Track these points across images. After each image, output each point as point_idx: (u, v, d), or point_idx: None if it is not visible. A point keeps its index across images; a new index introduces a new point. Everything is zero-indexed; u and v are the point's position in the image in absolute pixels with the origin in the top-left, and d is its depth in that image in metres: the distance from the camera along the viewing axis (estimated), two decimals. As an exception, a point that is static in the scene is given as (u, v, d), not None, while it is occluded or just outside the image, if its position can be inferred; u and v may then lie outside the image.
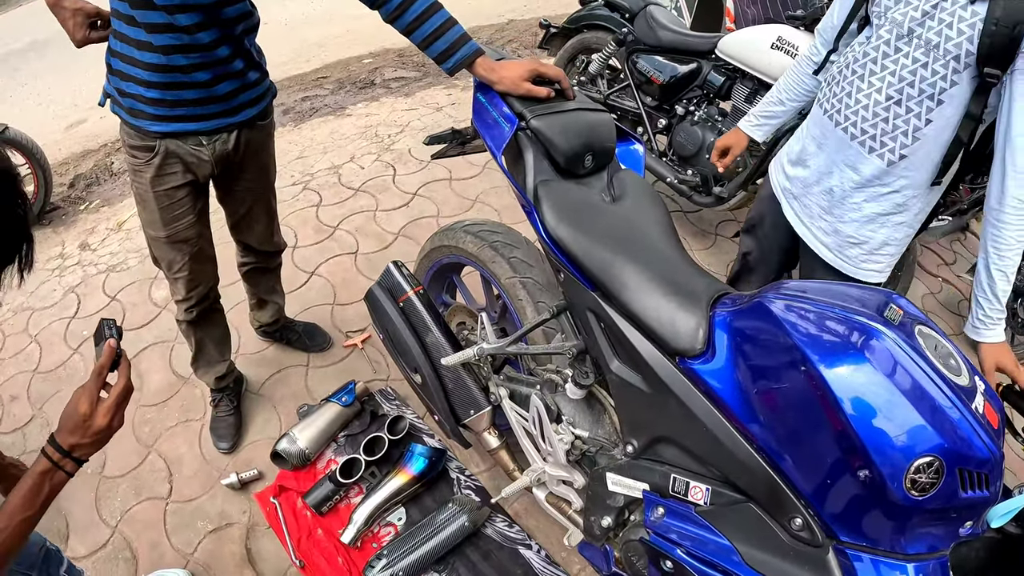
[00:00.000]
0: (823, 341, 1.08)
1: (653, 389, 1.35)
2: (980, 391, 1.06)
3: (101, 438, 1.13)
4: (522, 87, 1.61)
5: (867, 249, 1.85)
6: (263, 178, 2.14)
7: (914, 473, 0.97)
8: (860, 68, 1.68)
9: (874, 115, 1.66)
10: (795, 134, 2.01)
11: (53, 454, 1.09)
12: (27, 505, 1.06)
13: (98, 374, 1.14)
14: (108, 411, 1.13)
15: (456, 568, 2.08)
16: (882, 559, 1.04)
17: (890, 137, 1.65)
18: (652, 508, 1.39)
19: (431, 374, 1.88)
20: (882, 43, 1.62)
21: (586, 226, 1.46)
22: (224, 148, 1.88)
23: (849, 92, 1.70)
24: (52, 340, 2.90)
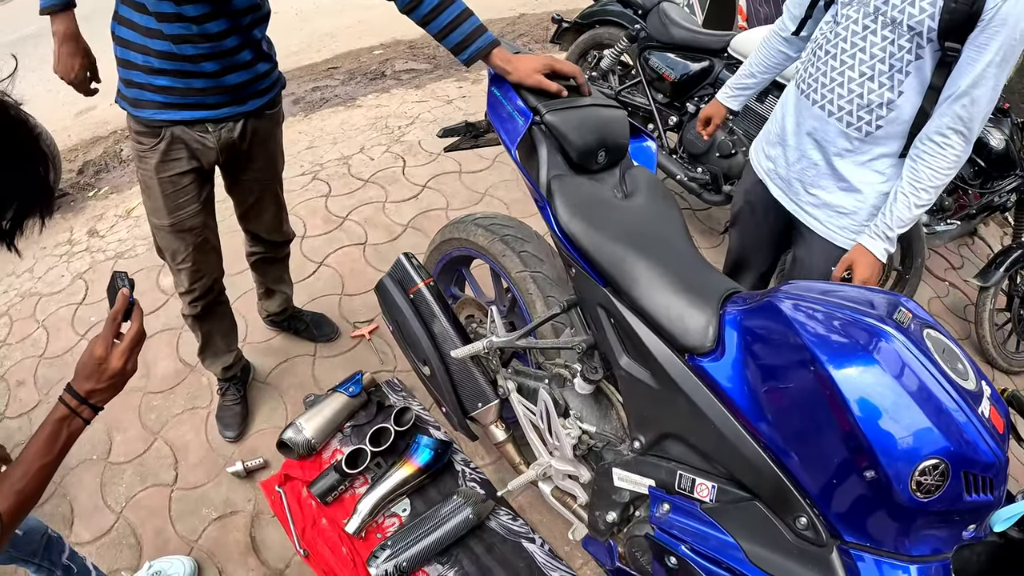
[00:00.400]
0: (833, 342, 1.08)
1: (661, 385, 1.36)
2: (986, 396, 1.07)
3: (116, 382, 1.14)
4: (533, 78, 1.62)
5: (857, 220, 1.90)
6: (271, 168, 2.14)
7: (920, 475, 0.97)
8: (832, 48, 1.76)
9: (849, 92, 1.74)
10: (771, 117, 2.10)
11: (70, 400, 1.10)
12: (45, 451, 1.07)
13: (112, 320, 1.15)
14: (122, 354, 1.13)
15: (459, 560, 2.09)
16: (885, 560, 1.05)
17: (865, 111, 1.73)
18: (658, 504, 1.40)
19: (440, 366, 1.88)
20: (851, 23, 1.70)
21: (599, 221, 1.46)
22: (230, 136, 1.88)
23: (824, 72, 1.78)
24: (59, 326, 2.92)
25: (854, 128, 1.77)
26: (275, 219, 2.30)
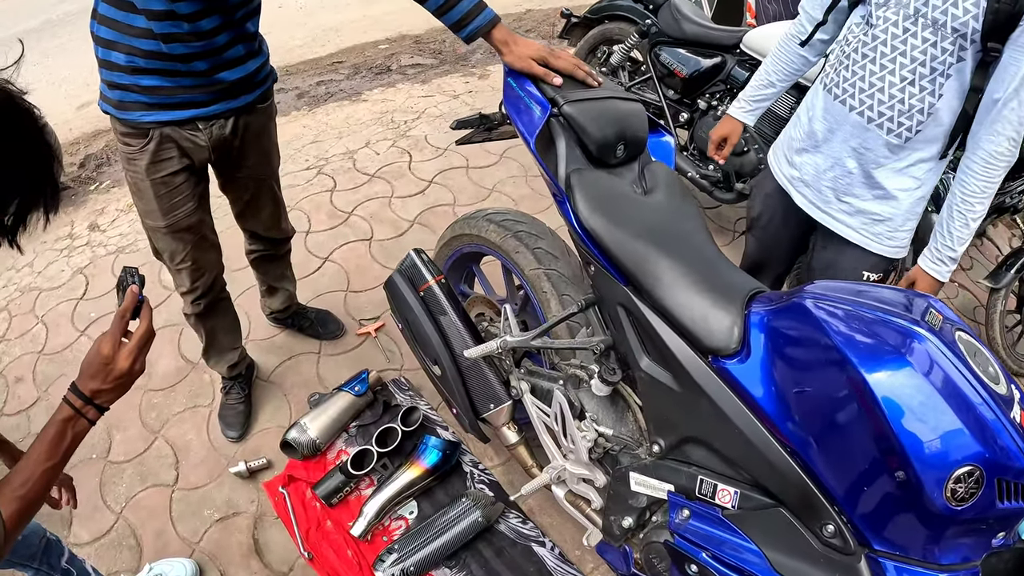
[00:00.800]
0: (864, 343, 1.05)
1: (684, 388, 1.32)
2: (1016, 400, 1.04)
3: (123, 383, 1.10)
4: (524, 62, 1.59)
5: (892, 226, 1.85)
6: (265, 163, 2.08)
7: (954, 482, 0.95)
8: (871, 52, 1.68)
9: (890, 97, 1.66)
10: (793, 122, 2.01)
11: (75, 401, 1.07)
12: (49, 455, 1.04)
13: (120, 318, 1.11)
14: (130, 354, 1.09)
15: (468, 564, 2.05)
16: (914, 568, 1.03)
17: (906, 116, 1.67)
18: (677, 510, 1.37)
19: (451, 366, 1.84)
20: (890, 25, 1.62)
21: (620, 218, 1.41)
22: (221, 133, 1.82)
23: (862, 76, 1.70)
24: (59, 321, 2.87)
25: (894, 135, 1.70)
26: (273, 216, 2.24)
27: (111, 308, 2.84)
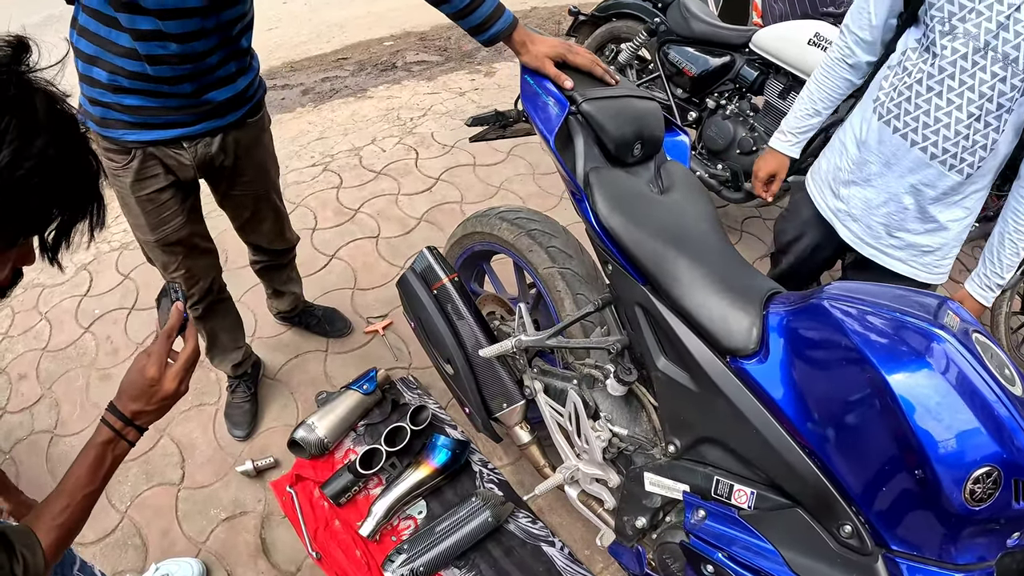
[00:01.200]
0: (884, 344, 1.05)
1: (701, 388, 1.31)
2: None
3: (166, 404, 1.08)
4: (541, 61, 1.58)
5: (940, 255, 1.82)
6: (262, 177, 2.01)
7: (973, 483, 0.95)
8: (937, 85, 1.58)
9: (955, 133, 1.59)
10: (836, 149, 1.92)
11: (115, 423, 1.04)
12: (89, 480, 1.01)
13: (167, 337, 1.09)
14: (177, 375, 1.07)
15: (477, 564, 2.04)
16: (931, 568, 1.03)
17: (969, 152, 1.60)
18: (693, 510, 1.36)
19: (464, 365, 1.83)
20: (958, 58, 1.53)
21: (638, 217, 1.40)
22: (207, 151, 1.75)
23: (927, 111, 1.61)
24: (63, 318, 2.86)
25: (956, 170, 1.64)
26: (275, 228, 2.19)
27: (115, 305, 2.85)
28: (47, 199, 0.76)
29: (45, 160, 0.73)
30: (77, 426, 2.43)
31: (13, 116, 0.70)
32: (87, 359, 2.67)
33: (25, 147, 0.70)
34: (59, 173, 0.76)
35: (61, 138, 0.76)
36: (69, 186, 0.79)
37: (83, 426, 2.42)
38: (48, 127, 0.74)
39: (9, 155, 0.69)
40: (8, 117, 0.69)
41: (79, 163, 0.80)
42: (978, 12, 1.49)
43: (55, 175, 0.75)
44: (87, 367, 2.64)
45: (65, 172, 0.77)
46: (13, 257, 0.81)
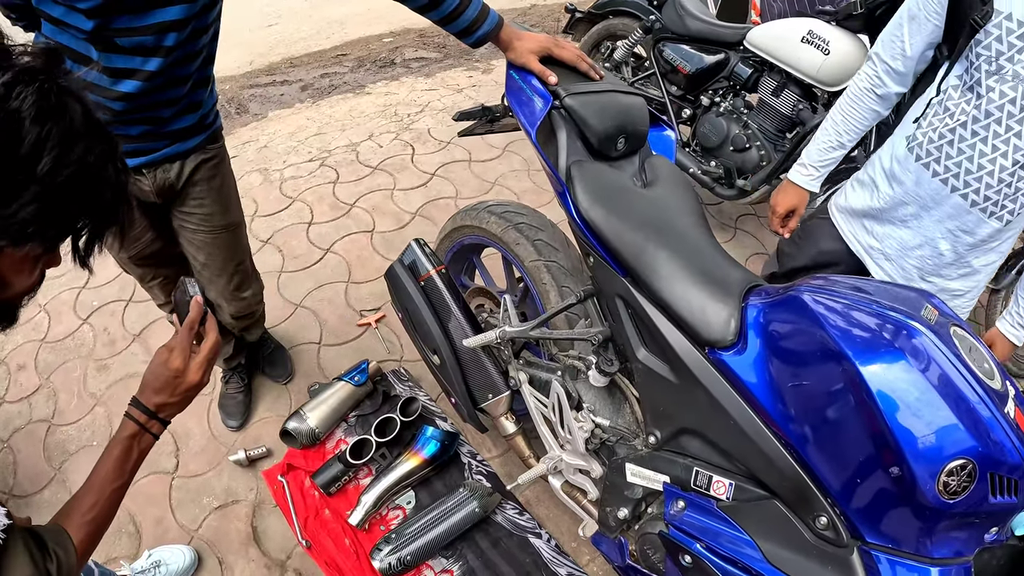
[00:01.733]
0: (860, 337, 1.05)
1: (680, 379, 1.32)
2: (1011, 396, 1.04)
3: (189, 396, 1.11)
4: (527, 58, 1.60)
5: (968, 298, 1.79)
6: (223, 210, 1.88)
7: (947, 475, 0.95)
8: (983, 130, 1.49)
9: (999, 181, 1.51)
10: (866, 183, 1.82)
11: (139, 416, 1.06)
12: (117, 474, 1.03)
13: (189, 329, 1.11)
14: (200, 366, 1.10)
15: (464, 554, 2.06)
16: (906, 561, 1.03)
17: (1011, 199, 1.54)
18: (672, 501, 1.37)
19: (450, 356, 1.85)
20: (1007, 102, 1.44)
21: (619, 210, 1.42)
22: (166, 177, 1.71)
23: (970, 156, 1.52)
24: (61, 310, 2.88)
25: (996, 217, 1.57)
26: (232, 282, 2.03)
27: (113, 297, 2.87)
28: (85, 204, 0.78)
29: (84, 166, 0.75)
30: (74, 416, 2.45)
31: (54, 124, 0.72)
32: (85, 350, 2.70)
33: (65, 154, 0.72)
34: (97, 179, 0.78)
35: (97, 145, 0.77)
36: (104, 191, 0.80)
37: (80, 415, 2.45)
38: (85, 134, 0.76)
39: (51, 162, 0.71)
40: (50, 125, 0.71)
41: (114, 168, 0.82)
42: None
43: (93, 181, 0.77)
44: (85, 358, 2.66)
45: (102, 178, 0.79)
46: (45, 260, 0.84)
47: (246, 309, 2.17)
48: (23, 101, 0.69)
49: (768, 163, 2.89)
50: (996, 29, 1.40)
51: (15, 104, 0.69)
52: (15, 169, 0.70)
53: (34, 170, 0.70)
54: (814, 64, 2.60)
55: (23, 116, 0.69)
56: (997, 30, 1.40)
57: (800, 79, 2.71)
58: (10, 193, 0.70)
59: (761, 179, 2.91)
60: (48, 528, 0.96)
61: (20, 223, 0.72)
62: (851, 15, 2.55)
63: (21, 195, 0.71)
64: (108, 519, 1.03)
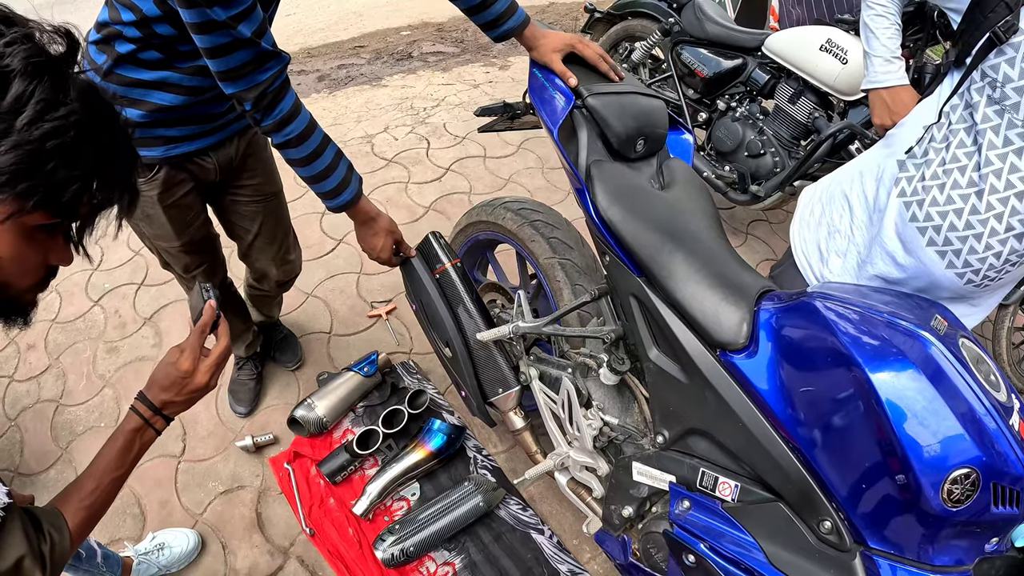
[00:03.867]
0: (870, 344, 1.06)
1: (691, 380, 1.33)
2: (1016, 409, 1.05)
3: (195, 397, 1.14)
4: (550, 57, 1.63)
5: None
6: (272, 178, 1.99)
7: (951, 483, 0.96)
8: (981, 181, 1.26)
9: (986, 248, 1.29)
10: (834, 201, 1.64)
11: (144, 411, 1.09)
12: (118, 464, 1.06)
13: (200, 332, 1.14)
14: (209, 369, 1.13)
15: (467, 547, 2.07)
16: (908, 568, 1.04)
17: (996, 270, 1.34)
18: (678, 501, 1.38)
19: (462, 349, 1.86)
20: (1011, 151, 1.22)
21: (637, 210, 1.43)
22: (227, 154, 1.78)
23: (959, 210, 1.30)
24: (73, 291, 2.91)
25: (973, 285, 1.38)
26: (284, 246, 2.12)
27: (124, 280, 2.89)
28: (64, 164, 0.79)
29: (65, 127, 0.76)
30: (82, 396, 2.47)
31: (40, 84, 0.74)
32: (95, 332, 2.72)
33: (47, 111, 0.74)
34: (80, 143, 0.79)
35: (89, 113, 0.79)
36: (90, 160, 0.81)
37: (88, 396, 2.47)
38: (77, 103, 0.78)
39: (30, 115, 0.73)
40: (35, 83, 0.74)
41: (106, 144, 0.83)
42: None
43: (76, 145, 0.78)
44: (95, 339, 2.68)
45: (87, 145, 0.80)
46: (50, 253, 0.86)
47: (291, 272, 2.24)
48: (14, 58, 0.73)
49: (782, 170, 2.90)
50: (1012, 50, 1.19)
51: (6, 61, 0.73)
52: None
53: (13, 122, 0.73)
54: (832, 73, 2.60)
55: (12, 72, 0.73)
56: (1013, 51, 1.18)
57: (817, 87, 2.72)
58: None
59: (774, 185, 2.91)
60: (45, 510, 0.99)
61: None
62: (871, 23, 2.56)
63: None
64: (105, 506, 1.06)
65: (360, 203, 1.67)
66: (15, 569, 0.90)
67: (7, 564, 0.89)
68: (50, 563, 0.94)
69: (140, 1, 1.32)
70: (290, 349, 2.63)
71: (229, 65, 1.29)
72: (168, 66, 1.46)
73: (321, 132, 1.51)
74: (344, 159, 1.60)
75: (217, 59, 1.29)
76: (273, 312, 2.52)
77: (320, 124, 1.55)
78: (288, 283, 2.30)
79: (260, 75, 1.33)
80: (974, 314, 1.49)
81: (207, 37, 1.25)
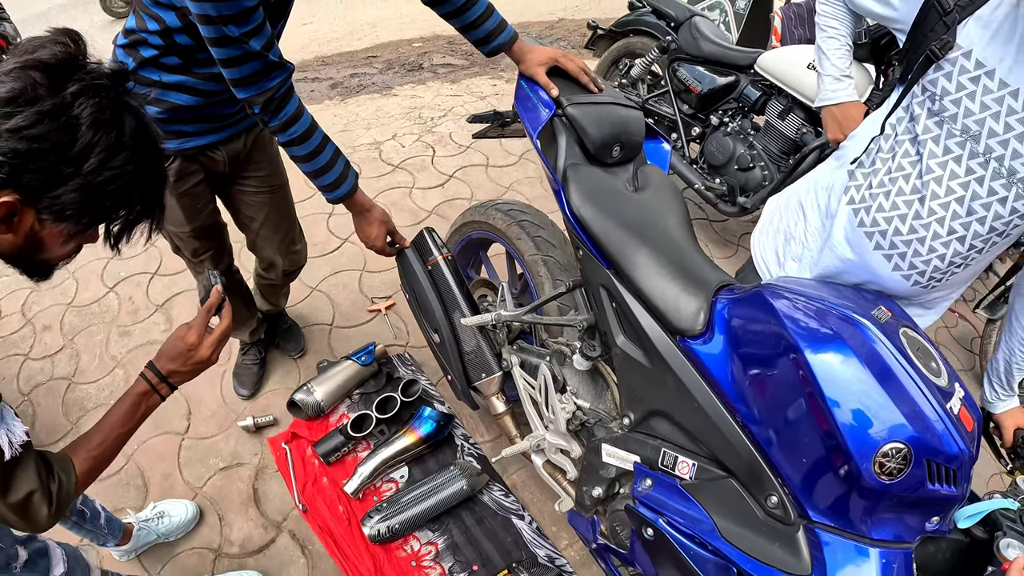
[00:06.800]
0: (810, 329, 1.15)
1: (653, 364, 1.44)
2: (958, 396, 1.12)
3: (198, 368, 1.26)
4: (535, 70, 1.76)
5: None
6: (277, 170, 2.12)
7: (882, 456, 1.03)
8: (923, 188, 1.30)
9: (929, 250, 1.33)
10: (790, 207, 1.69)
11: (152, 378, 1.22)
12: (124, 422, 1.19)
13: (206, 312, 1.28)
14: (211, 344, 1.26)
15: (450, 528, 2.18)
16: (848, 540, 1.10)
17: (941, 272, 1.36)
18: (641, 479, 1.48)
19: (449, 335, 1.98)
20: (951, 159, 1.26)
21: (607, 208, 1.55)
22: (235, 148, 1.91)
23: (903, 215, 1.33)
24: (89, 277, 3.05)
25: (920, 286, 1.40)
26: (289, 234, 2.25)
27: (139, 269, 3.03)
28: (119, 201, 0.97)
29: (123, 173, 0.93)
30: (94, 376, 2.60)
31: (104, 134, 0.90)
32: (109, 316, 2.85)
33: (108, 160, 0.91)
34: (134, 183, 0.96)
35: (141, 155, 0.96)
36: (140, 193, 0.99)
37: (100, 376, 2.60)
38: (132, 146, 0.94)
39: (95, 163, 0.90)
40: (101, 133, 0.90)
41: (153, 176, 1.01)
42: (983, 105, 1.21)
43: (130, 184, 0.96)
44: (108, 323, 2.82)
45: (139, 182, 0.97)
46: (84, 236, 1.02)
47: (296, 262, 2.36)
48: (83, 110, 0.88)
49: (770, 183, 3.01)
50: (949, 65, 1.23)
51: (76, 111, 0.88)
52: (66, 163, 0.88)
53: (81, 167, 0.89)
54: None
55: (81, 123, 0.88)
56: (950, 66, 1.23)
57: (805, 103, 2.83)
58: (59, 181, 0.89)
59: (762, 198, 3.02)
60: (57, 455, 1.12)
61: (61, 206, 0.91)
62: (857, 44, 2.67)
63: (67, 184, 0.90)
64: (109, 459, 1.19)
65: (356, 196, 1.78)
66: (25, 501, 1.03)
67: (18, 496, 1.02)
68: (56, 501, 1.07)
69: (164, 13, 1.47)
70: (294, 338, 2.76)
71: (241, 74, 1.45)
72: (186, 71, 1.61)
73: (321, 132, 1.64)
74: (342, 157, 1.72)
75: (230, 68, 1.44)
76: (280, 302, 2.64)
77: (331, 130, 1.69)
78: (294, 273, 2.42)
79: (268, 83, 1.48)
80: (927, 315, 1.55)
81: (222, 50, 1.41)
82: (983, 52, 1.19)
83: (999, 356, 1.54)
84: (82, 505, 1.85)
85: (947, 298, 1.54)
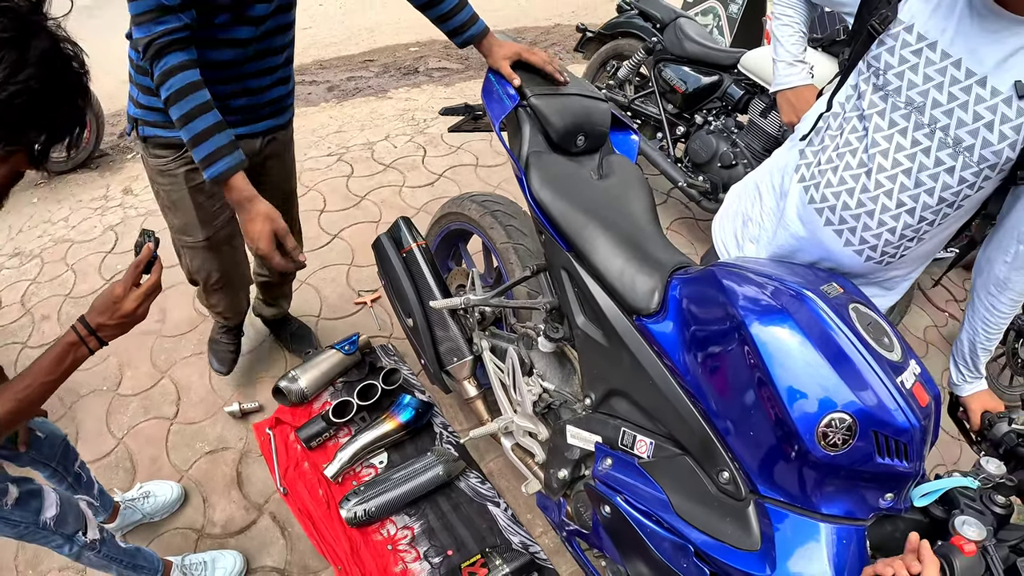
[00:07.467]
0: (755, 303, 1.18)
1: (611, 344, 1.49)
2: (913, 372, 1.13)
3: (125, 322, 1.26)
4: (500, 63, 1.84)
5: None
6: (287, 178, 2.18)
7: (826, 426, 1.04)
8: (869, 161, 1.33)
9: (879, 224, 1.35)
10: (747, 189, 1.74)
11: (81, 329, 1.24)
12: (50, 370, 1.21)
13: (135, 268, 1.28)
14: (137, 298, 1.25)
15: (426, 513, 2.23)
16: (798, 515, 1.11)
17: (893, 246, 1.39)
18: (601, 459, 1.51)
19: (422, 320, 2.04)
20: (896, 132, 1.29)
21: (568, 193, 1.61)
22: (251, 147, 1.91)
23: (850, 189, 1.36)
24: (87, 270, 3.12)
25: (874, 262, 1.43)
26: None
27: (134, 262, 3.09)
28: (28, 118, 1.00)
29: (27, 89, 0.96)
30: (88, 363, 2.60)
31: (7, 52, 0.94)
32: (104, 307, 2.91)
33: (11, 76, 0.94)
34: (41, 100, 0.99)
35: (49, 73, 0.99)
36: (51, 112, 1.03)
37: (94, 364, 2.65)
38: (38, 63, 0.97)
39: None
40: (3, 51, 0.93)
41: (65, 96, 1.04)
42: (927, 77, 1.23)
43: (37, 101, 0.99)
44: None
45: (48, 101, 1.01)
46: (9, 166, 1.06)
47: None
48: None
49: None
50: (892, 39, 1.27)
51: None
52: None
53: None
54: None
55: None
56: (892, 40, 1.27)
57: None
58: None
59: (744, 196, 3.06)
60: None
61: None
62: (835, 41, 2.73)
63: None
64: (34, 405, 1.21)
65: (234, 179, 1.58)
66: None
67: None
68: None
69: None
70: (307, 339, 2.78)
71: (136, 10, 1.46)
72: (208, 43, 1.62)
73: (203, 97, 1.54)
74: (224, 133, 1.56)
75: (130, 2, 1.46)
76: (283, 303, 2.69)
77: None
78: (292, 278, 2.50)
79: (156, 26, 1.47)
80: (887, 296, 1.58)
81: None
82: (925, 25, 1.23)
83: (963, 336, 1.54)
84: (79, 469, 1.90)
85: (906, 278, 1.56)
